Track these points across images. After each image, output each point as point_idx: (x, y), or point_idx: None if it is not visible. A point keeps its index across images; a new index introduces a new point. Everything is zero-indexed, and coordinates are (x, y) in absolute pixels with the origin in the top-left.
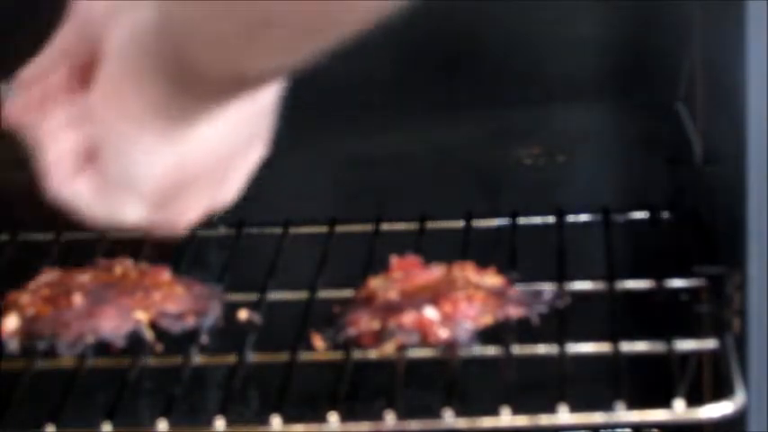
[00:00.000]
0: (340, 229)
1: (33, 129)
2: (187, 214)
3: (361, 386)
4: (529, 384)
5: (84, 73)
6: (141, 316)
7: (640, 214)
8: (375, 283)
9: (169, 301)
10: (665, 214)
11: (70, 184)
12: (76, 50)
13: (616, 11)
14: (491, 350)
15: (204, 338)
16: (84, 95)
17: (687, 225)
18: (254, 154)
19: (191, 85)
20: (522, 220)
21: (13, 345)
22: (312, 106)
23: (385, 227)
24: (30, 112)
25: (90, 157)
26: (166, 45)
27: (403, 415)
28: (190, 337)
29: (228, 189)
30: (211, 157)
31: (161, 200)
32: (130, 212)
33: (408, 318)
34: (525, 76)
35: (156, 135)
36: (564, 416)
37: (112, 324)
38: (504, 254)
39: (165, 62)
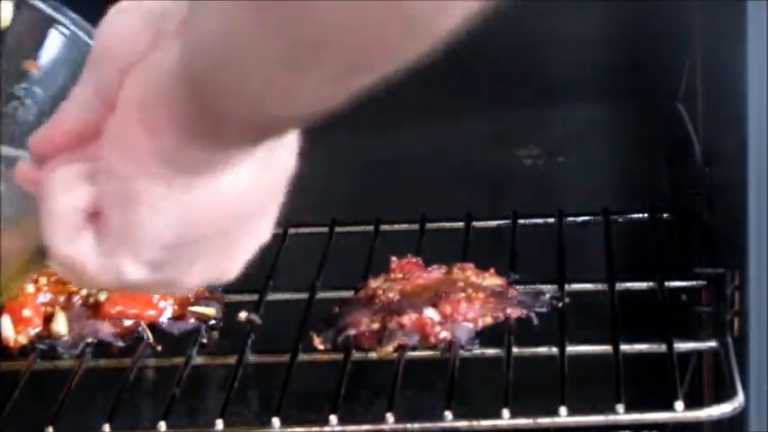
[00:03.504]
0: (340, 229)
1: (41, 183)
2: (191, 279)
3: (361, 386)
4: (529, 384)
5: (100, 127)
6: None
7: (640, 214)
8: (375, 283)
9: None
10: (665, 214)
11: (72, 242)
12: (93, 104)
13: (616, 11)
14: (491, 350)
15: (204, 339)
16: (97, 149)
17: (687, 225)
18: (265, 225)
19: (208, 130)
20: (522, 220)
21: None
22: None
23: (385, 227)
24: (41, 167)
25: (94, 215)
26: (185, 86)
27: (403, 415)
28: (190, 337)
29: (237, 258)
30: (223, 214)
31: (165, 258)
32: (132, 272)
33: (408, 318)
34: (525, 76)
35: (164, 186)
36: (564, 416)
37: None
38: (504, 254)
39: (181, 106)
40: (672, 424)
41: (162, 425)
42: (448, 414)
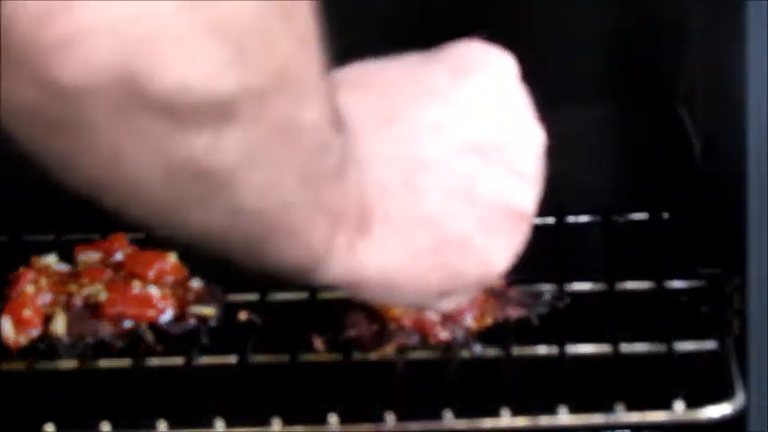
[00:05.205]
0: None
1: None
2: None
3: (361, 386)
4: (529, 384)
5: None
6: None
7: (640, 215)
8: None
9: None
10: (665, 214)
11: None
12: None
13: (616, 11)
14: (491, 350)
15: (204, 339)
16: None
17: (687, 225)
18: None
19: None
20: None
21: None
22: None
23: None
24: None
25: None
26: None
27: (403, 415)
28: (190, 337)
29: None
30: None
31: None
32: None
33: (408, 319)
34: (525, 76)
35: None
36: (564, 416)
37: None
38: None
39: None
40: (671, 424)
41: (162, 425)
42: (448, 414)
